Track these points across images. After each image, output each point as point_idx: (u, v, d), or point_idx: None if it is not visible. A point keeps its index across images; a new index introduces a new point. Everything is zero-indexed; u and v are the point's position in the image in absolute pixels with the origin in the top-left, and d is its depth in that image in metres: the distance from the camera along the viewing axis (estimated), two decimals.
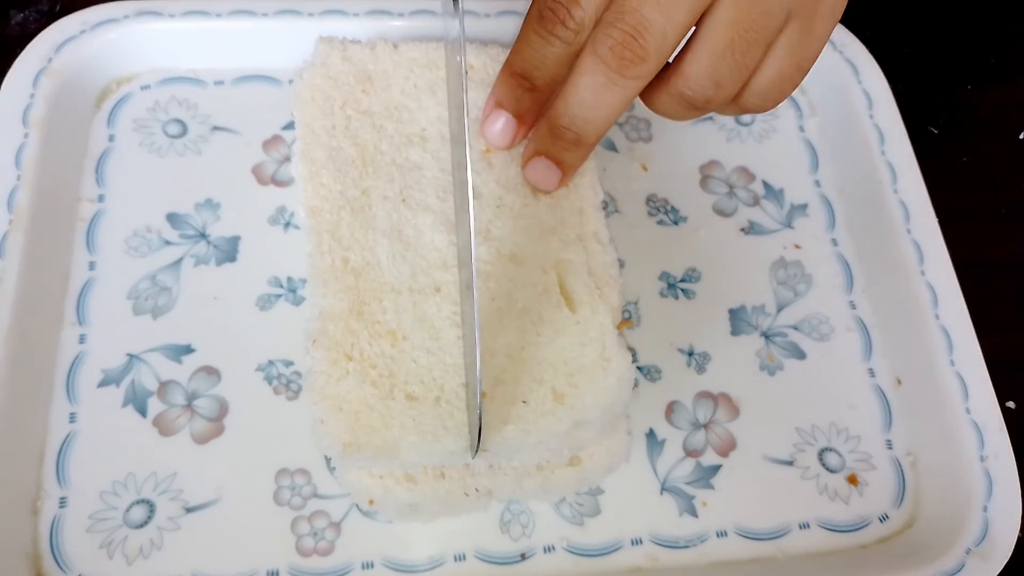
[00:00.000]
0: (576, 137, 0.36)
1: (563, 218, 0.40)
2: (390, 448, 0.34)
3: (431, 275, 0.38)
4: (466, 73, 0.36)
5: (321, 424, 0.34)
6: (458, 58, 0.35)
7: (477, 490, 0.37)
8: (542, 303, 0.37)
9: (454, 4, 0.35)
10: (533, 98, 0.37)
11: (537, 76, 0.36)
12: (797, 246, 0.49)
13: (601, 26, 0.33)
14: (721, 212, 0.49)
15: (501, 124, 0.38)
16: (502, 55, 0.43)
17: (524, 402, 0.35)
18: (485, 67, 0.43)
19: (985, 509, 0.40)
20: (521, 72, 0.36)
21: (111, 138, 0.47)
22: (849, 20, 0.53)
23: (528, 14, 0.35)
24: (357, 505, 0.39)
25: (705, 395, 0.44)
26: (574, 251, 0.39)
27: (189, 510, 0.39)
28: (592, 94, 0.34)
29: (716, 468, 0.42)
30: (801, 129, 0.52)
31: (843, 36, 0.53)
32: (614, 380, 0.35)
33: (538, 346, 0.36)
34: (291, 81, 0.43)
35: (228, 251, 0.45)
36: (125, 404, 0.40)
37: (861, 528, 0.42)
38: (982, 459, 0.41)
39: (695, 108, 0.35)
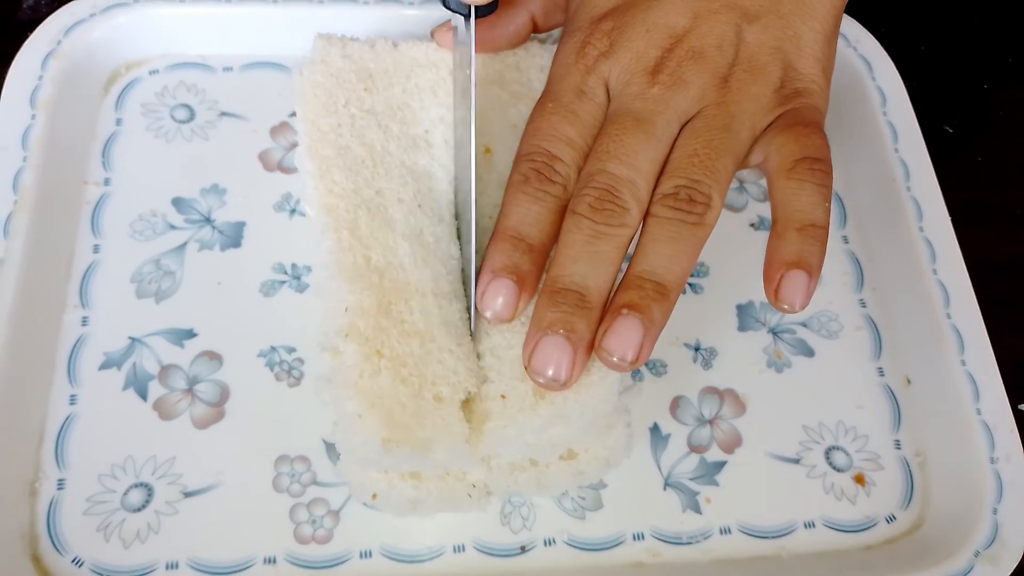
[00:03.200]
0: (579, 296, 0.33)
1: None
2: (425, 447, 0.33)
3: (451, 283, 0.38)
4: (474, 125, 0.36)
5: (359, 419, 0.33)
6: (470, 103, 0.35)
7: (475, 486, 0.36)
8: (535, 299, 0.37)
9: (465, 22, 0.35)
10: (532, 259, 0.35)
11: (533, 235, 0.35)
12: None
13: (575, 193, 0.35)
14: (730, 207, 0.48)
15: (503, 292, 0.34)
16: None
17: (503, 396, 0.35)
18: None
19: (995, 512, 0.40)
20: (515, 234, 0.35)
21: (118, 122, 0.47)
22: (864, 17, 0.52)
23: (510, 182, 0.36)
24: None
25: (711, 391, 0.43)
26: None
27: (188, 495, 0.38)
28: (584, 248, 0.34)
29: (721, 464, 0.42)
30: None
31: (857, 32, 0.52)
32: (597, 377, 0.35)
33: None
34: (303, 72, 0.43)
35: (233, 236, 0.44)
36: (126, 387, 0.40)
37: (867, 528, 0.41)
38: (992, 461, 0.41)
39: (684, 205, 0.34)
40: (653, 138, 0.35)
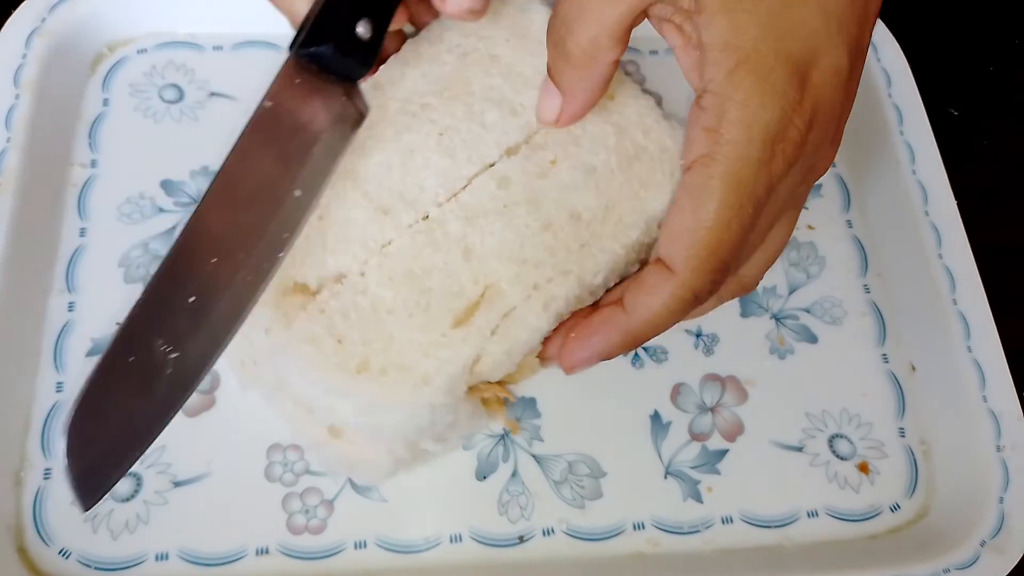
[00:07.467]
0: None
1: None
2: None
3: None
4: None
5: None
6: None
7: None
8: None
9: None
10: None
11: None
12: (810, 227, 0.47)
13: None
14: None
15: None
16: None
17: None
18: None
19: (1001, 501, 0.39)
20: None
21: (105, 102, 0.45)
22: None
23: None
24: (351, 481, 0.38)
25: (713, 378, 0.43)
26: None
27: (177, 484, 0.38)
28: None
29: (723, 453, 0.41)
30: None
31: None
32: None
33: None
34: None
35: None
36: None
37: (871, 518, 0.40)
38: (999, 449, 0.40)
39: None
40: None
